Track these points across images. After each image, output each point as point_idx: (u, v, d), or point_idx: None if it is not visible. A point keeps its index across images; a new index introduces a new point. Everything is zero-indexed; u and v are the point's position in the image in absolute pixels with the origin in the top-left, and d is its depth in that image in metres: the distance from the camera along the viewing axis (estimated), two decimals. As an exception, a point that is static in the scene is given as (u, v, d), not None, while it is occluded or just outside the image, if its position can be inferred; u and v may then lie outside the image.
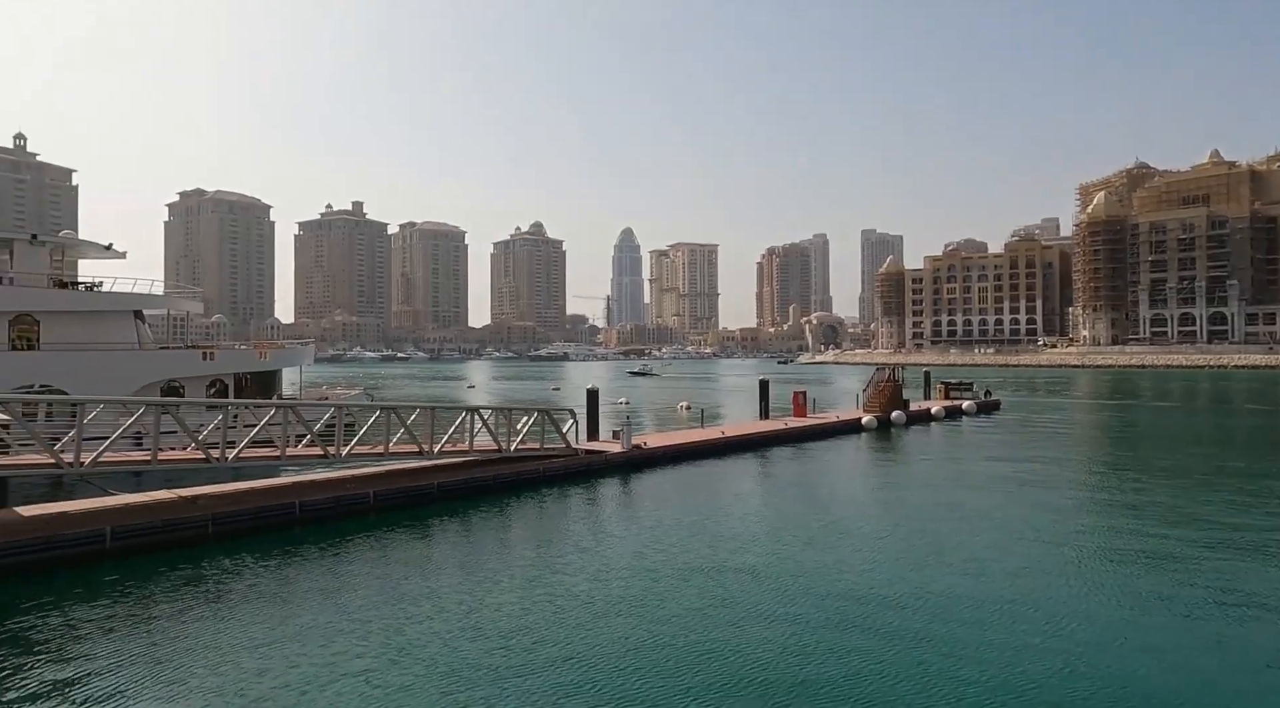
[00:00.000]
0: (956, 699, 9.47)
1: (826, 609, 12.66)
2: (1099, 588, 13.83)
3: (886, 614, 12.41)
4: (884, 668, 10.34)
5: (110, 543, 15.65)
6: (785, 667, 10.40)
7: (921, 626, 11.89)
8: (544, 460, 24.62)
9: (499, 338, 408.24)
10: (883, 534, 18.18)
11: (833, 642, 11.26)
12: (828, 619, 12.19)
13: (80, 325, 30.25)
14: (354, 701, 9.45)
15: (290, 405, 21.58)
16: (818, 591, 13.67)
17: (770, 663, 10.51)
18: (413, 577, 14.69)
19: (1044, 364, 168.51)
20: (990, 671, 10.25)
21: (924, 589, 13.67)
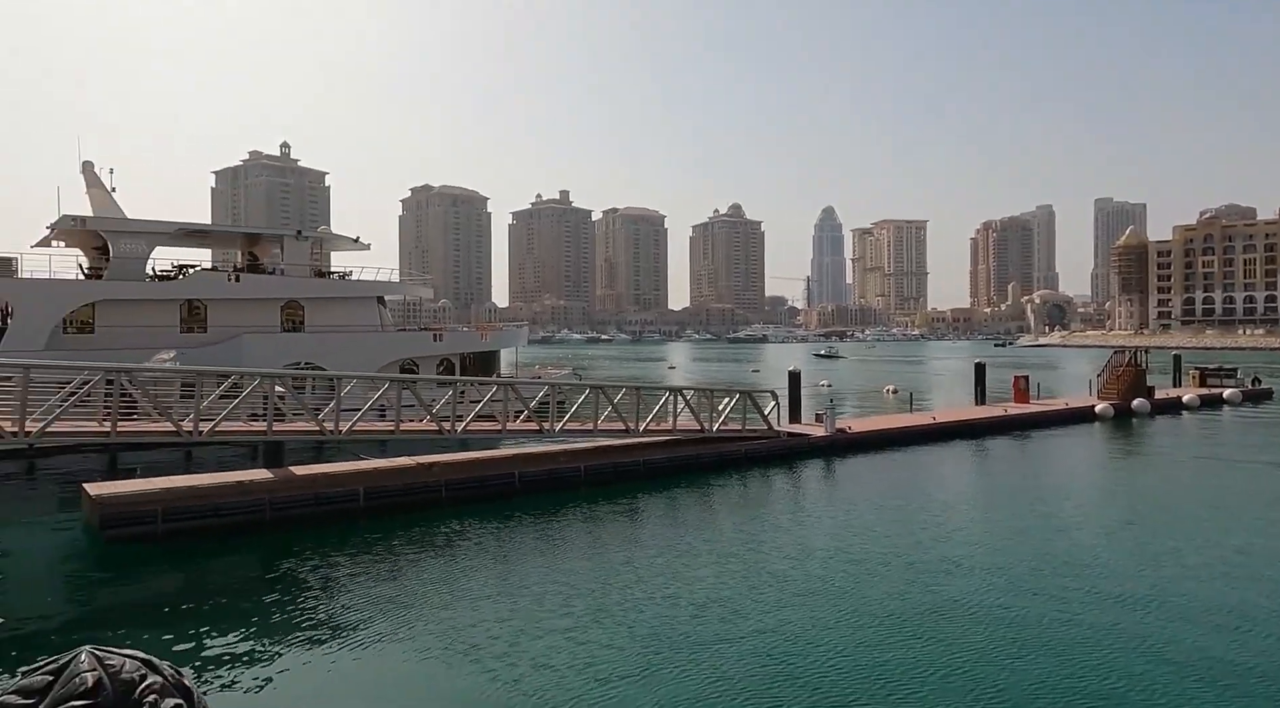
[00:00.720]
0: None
1: (1039, 605, 11.75)
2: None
3: (1111, 614, 11.29)
4: (1097, 669, 9.42)
5: (363, 502, 17.74)
6: (986, 660, 9.79)
7: (1153, 630, 10.70)
8: (746, 441, 24.71)
9: (698, 320, 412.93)
10: (1111, 530, 16.53)
11: (1046, 640, 10.44)
12: (1039, 616, 11.32)
13: (335, 310, 34.28)
14: (560, 653, 10.15)
15: (510, 383, 23.21)
16: (1030, 585, 12.72)
17: (972, 655, 9.95)
18: (618, 546, 15.38)
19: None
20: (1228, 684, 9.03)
21: (1159, 591, 12.27)
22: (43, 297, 28.37)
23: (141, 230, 31.18)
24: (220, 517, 16.27)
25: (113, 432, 17.17)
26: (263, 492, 17.23)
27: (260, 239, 37.39)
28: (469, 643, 10.57)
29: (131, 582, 13.98)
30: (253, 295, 32.35)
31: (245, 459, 21.86)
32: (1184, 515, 17.95)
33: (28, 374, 16.43)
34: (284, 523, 16.63)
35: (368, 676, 9.84)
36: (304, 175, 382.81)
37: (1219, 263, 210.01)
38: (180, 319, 30.79)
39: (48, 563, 15.50)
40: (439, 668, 9.93)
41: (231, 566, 14.96)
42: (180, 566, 14.76)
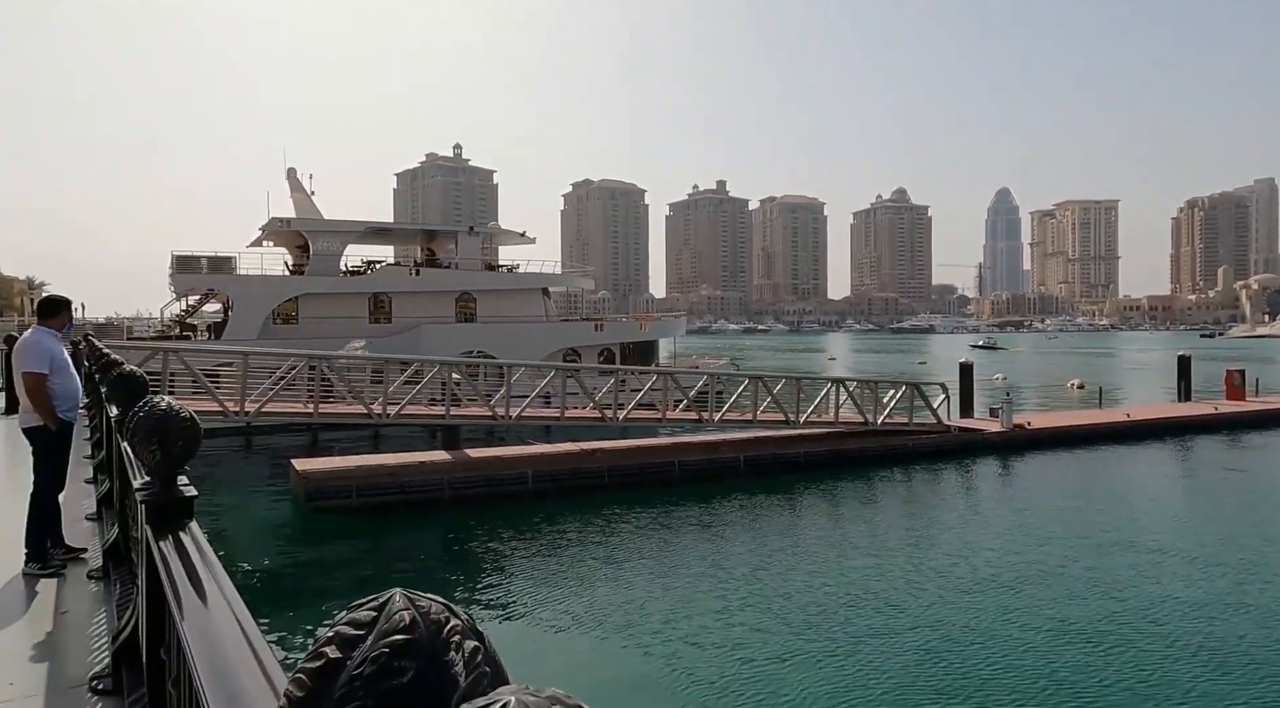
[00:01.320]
0: None
1: (1242, 623, 10.43)
2: None
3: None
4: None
5: (531, 484, 18.59)
6: (1172, 678, 8.80)
7: None
8: (913, 435, 23.69)
9: (859, 309, 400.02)
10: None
11: (1246, 662, 9.25)
12: (1241, 635, 10.04)
13: (504, 301, 36.05)
14: (712, 635, 10.32)
15: (669, 373, 23.50)
16: (1234, 599, 11.31)
17: (1154, 670, 8.98)
18: (776, 536, 15.25)
19: None
20: None
21: None
22: (256, 291, 31.74)
23: (336, 230, 34.16)
24: (405, 493, 17.59)
25: (315, 413, 18.98)
26: (442, 472, 18.44)
27: (436, 235, 39.91)
28: (626, 620, 10.89)
29: (332, 548, 15.43)
30: (431, 288, 34.61)
31: (425, 441, 23.46)
32: None
33: (246, 361, 18.46)
34: (460, 501, 17.72)
35: (529, 647, 10.33)
36: (474, 174, 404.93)
37: None
38: (369, 311, 33.47)
39: (264, 527, 17.40)
40: (596, 642, 10.30)
41: (415, 538, 16.16)
42: (372, 535, 16.11)
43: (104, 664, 3.73)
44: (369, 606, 0.68)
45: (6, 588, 5.19)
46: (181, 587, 1.56)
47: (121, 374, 4.41)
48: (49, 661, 4.03)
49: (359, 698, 0.61)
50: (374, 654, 0.63)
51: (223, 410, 17.74)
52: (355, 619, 0.66)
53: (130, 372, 4.47)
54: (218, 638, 1.36)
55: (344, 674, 0.63)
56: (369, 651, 0.63)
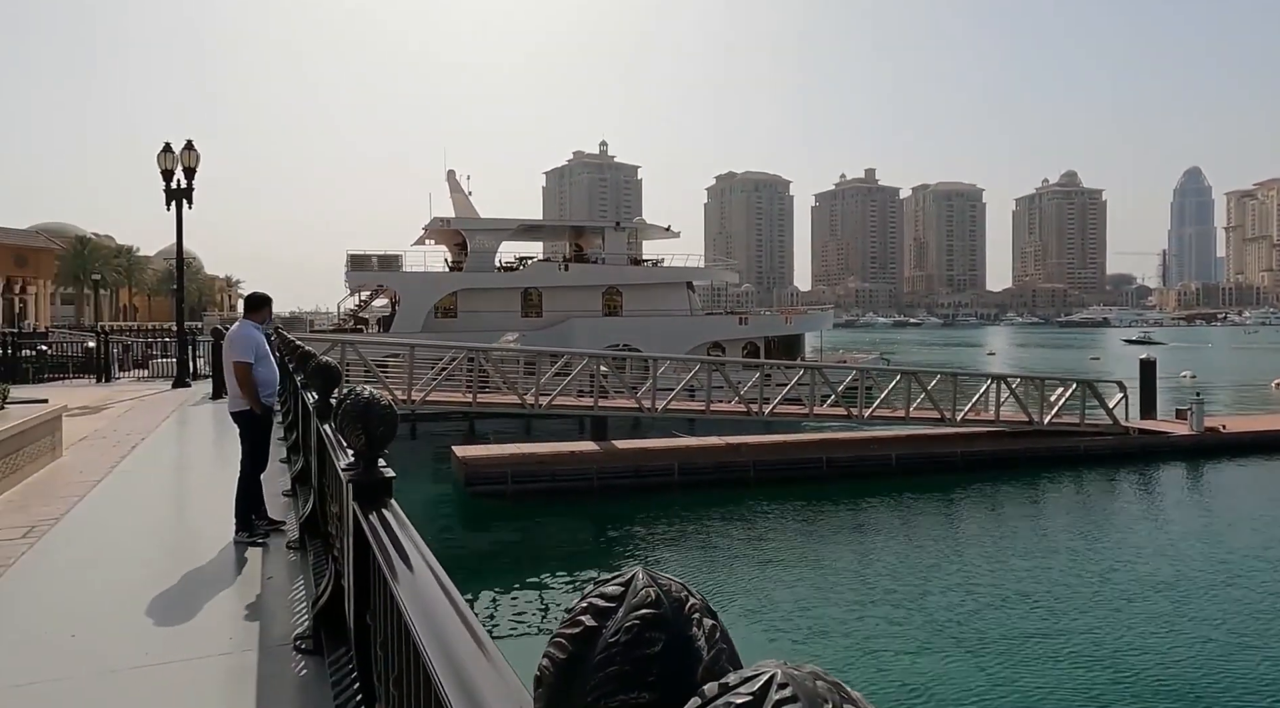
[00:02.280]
0: None
1: None
2: None
3: None
4: None
5: (677, 476, 18.77)
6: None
7: None
8: (1085, 437, 22.01)
9: (1021, 301, 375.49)
10: None
11: None
12: None
13: (649, 295, 36.53)
14: (853, 634, 10.05)
15: (816, 367, 23.02)
16: None
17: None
18: (929, 537, 14.65)
19: None
20: None
21: None
22: (420, 287, 33.83)
23: (492, 228, 35.81)
24: (555, 481, 18.23)
25: (473, 402, 20.02)
26: (590, 462, 18.97)
27: (584, 231, 40.98)
28: (766, 616, 10.86)
29: (490, 530, 16.27)
30: (579, 283, 35.61)
31: (574, 431, 24.20)
32: None
33: (413, 352, 19.75)
34: (607, 491, 18.16)
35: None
36: (619, 170, 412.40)
37: None
38: (521, 305, 34.89)
39: (430, 509, 18.54)
40: (741, 641, 10.24)
41: (565, 524, 16.75)
42: (525, 520, 16.84)
43: (305, 626, 4.13)
44: (616, 581, 0.74)
45: (220, 555, 5.83)
46: (394, 558, 1.71)
47: (319, 365, 4.85)
48: (259, 620, 4.50)
49: (616, 663, 0.67)
50: (627, 624, 0.69)
51: (392, 399, 19.05)
52: (605, 593, 0.72)
53: (326, 363, 4.90)
54: (429, 602, 1.48)
55: (601, 641, 0.68)
56: (622, 621, 0.69)
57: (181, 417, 14.15)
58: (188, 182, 18.92)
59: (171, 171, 18.76)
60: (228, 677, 3.75)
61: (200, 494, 8.37)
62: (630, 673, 0.66)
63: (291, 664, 3.81)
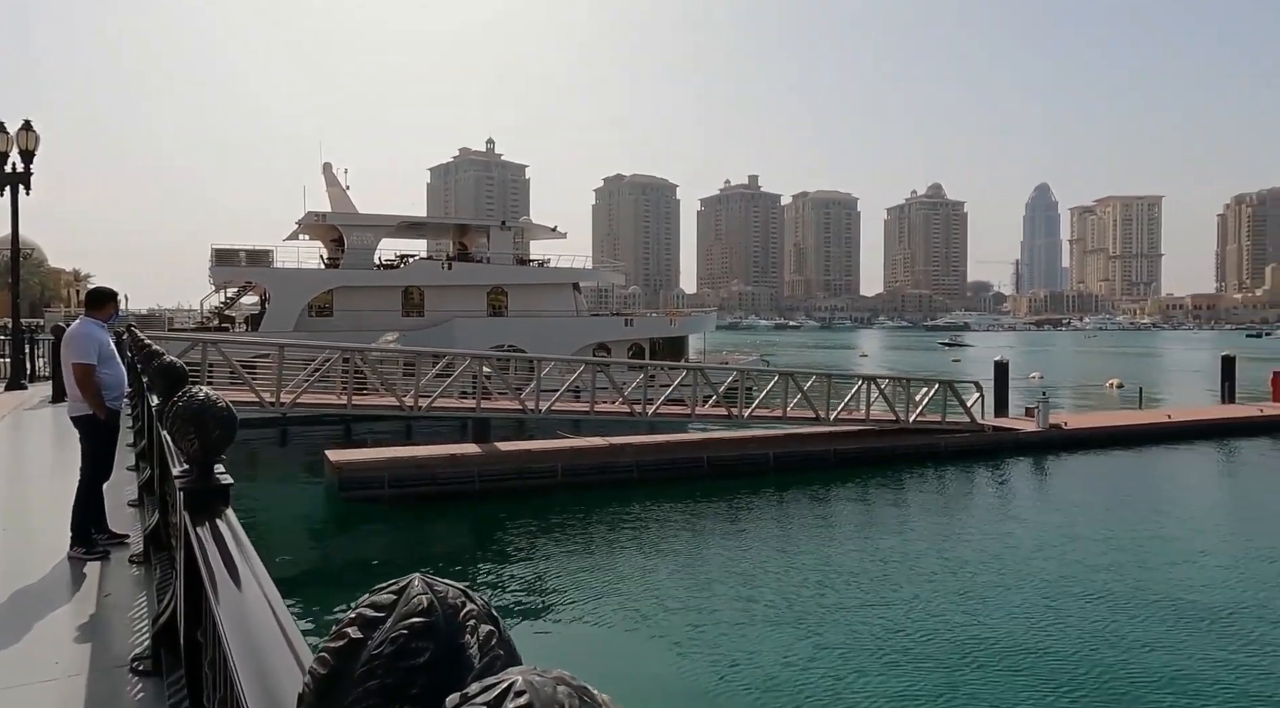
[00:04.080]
0: None
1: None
2: None
3: None
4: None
5: (561, 478, 18.71)
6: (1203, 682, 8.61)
7: None
8: (946, 434, 23.42)
9: (892, 306, 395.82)
10: None
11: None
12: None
13: (535, 296, 36.24)
14: (733, 628, 10.28)
15: (699, 368, 23.48)
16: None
17: (1186, 679, 8.78)
18: (805, 533, 15.21)
19: None
20: None
21: None
22: (293, 284, 32.27)
23: (371, 224, 34.59)
24: (436, 485, 17.80)
25: (348, 404, 19.26)
26: (473, 464, 18.63)
27: (469, 230, 40.22)
28: (649, 612, 10.95)
29: (364, 537, 15.68)
30: (463, 282, 34.92)
31: (456, 433, 23.69)
32: None
33: (282, 352, 18.80)
34: (490, 494, 17.89)
35: (553, 636, 10.41)
36: (506, 169, 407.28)
37: None
38: (402, 304, 33.87)
39: (299, 516, 17.73)
40: (618, 633, 10.36)
41: (445, 528, 16.38)
42: (403, 525, 16.36)
43: (144, 646, 3.85)
44: (389, 589, 0.71)
45: (53, 572, 5.36)
46: (217, 572, 1.61)
47: (163, 364, 4.54)
48: (92, 641, 4.16)
49: (378, 676, 0.65)
50: (393, 635, 0.66)
51: (259, 401, 18.08)
52: (376, 602, 0.70)
53: (171, 362, 4.59)
54: (250, 621, 1.40)
55: (365, 653, 0.66)
56: (389, 632, 0.67)
57: (16, 421, 12.95)
58: (25, 165, 17.33)
59: (5, 154, 17.13)
60: (53, 705, 3.45)
61: (34, 506, 7.67)
62: (393, 686, 0.64)
63: (126, 688, 3.54)
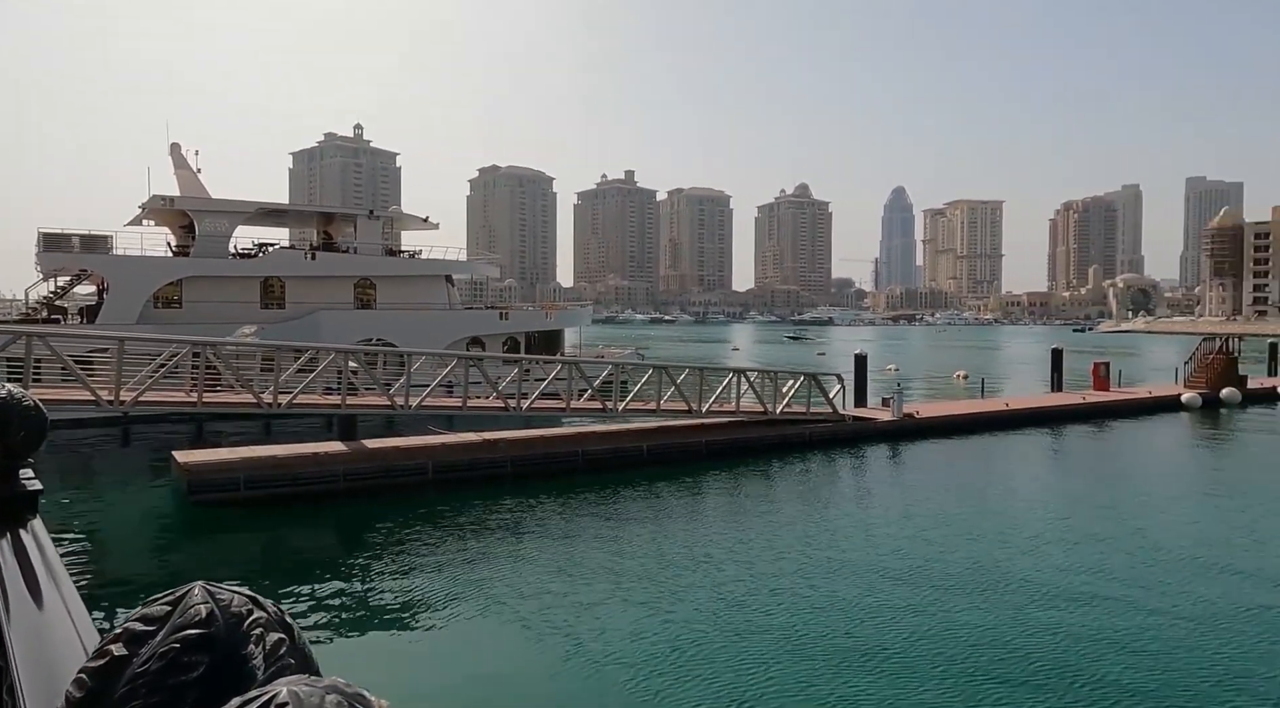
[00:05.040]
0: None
1: (1127, 607, 11.30)
2: None
3: (1188, 625, 10.81)
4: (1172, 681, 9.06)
5: (432, 475, 18.24)
6: (1046, 632, 9.49)
7: (1217, 643, 10.21)
8: (810, 424, 24.45)
9: (762, 301, 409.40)
10: (1193, 519, 15.79)
11: (1132, 647, 10.05)
12: (1127, 619, 10.88)
13: (405, 288, 35.10)
14: (611, 620, 10.40)
15: (574, 362, 23.46)
16: (1116, 583, 12.24)
17: (1033, 629, 9.65)
18: (679, 525, 15.49)
19: None
20: None
21: (1235, 602, 11.70)
22: (135, 273, 29.83)
23: (225, 210, 32.44)
24: (297, 485, 16.94)
25: (199, 402, 18.01)
26: (337, 463, 17.86)
27: (334, 219, 38.49)
28: (527, 612, 10.82)
29: (217, 542, 14.73)
30: (328, 273, 33.37)
31: (321, 431, 22.64)
32: (1269, 505, 17.04)
33: (122, 346, 17.33)
34: (357, 493, 17.22)
35: (427, 639, 10.16)
36: (376, 156, 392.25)
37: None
38: (260, 296, 31.98)
39: (142, 522, 16.42)
40: (496, 635, 10.21)
41: (308, 531, 15.62)
42: (261, 529, 15.48)
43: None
44: (164, 600, 0.66)
45: None
46: (13, 591, 1.45)
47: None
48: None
49: (140, 697, 0.59)
50: (163, 650, 0.60)
51: (95, 399, 16.61)
52: (148, 615, 0.64)
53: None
54: (49, 648, 1.27)
55: (128, 672, 0.60)
56: (158, 646, 0.61)
57: None
58: None
59: None
60: None
61: None
62: (159, 705, 0.59)
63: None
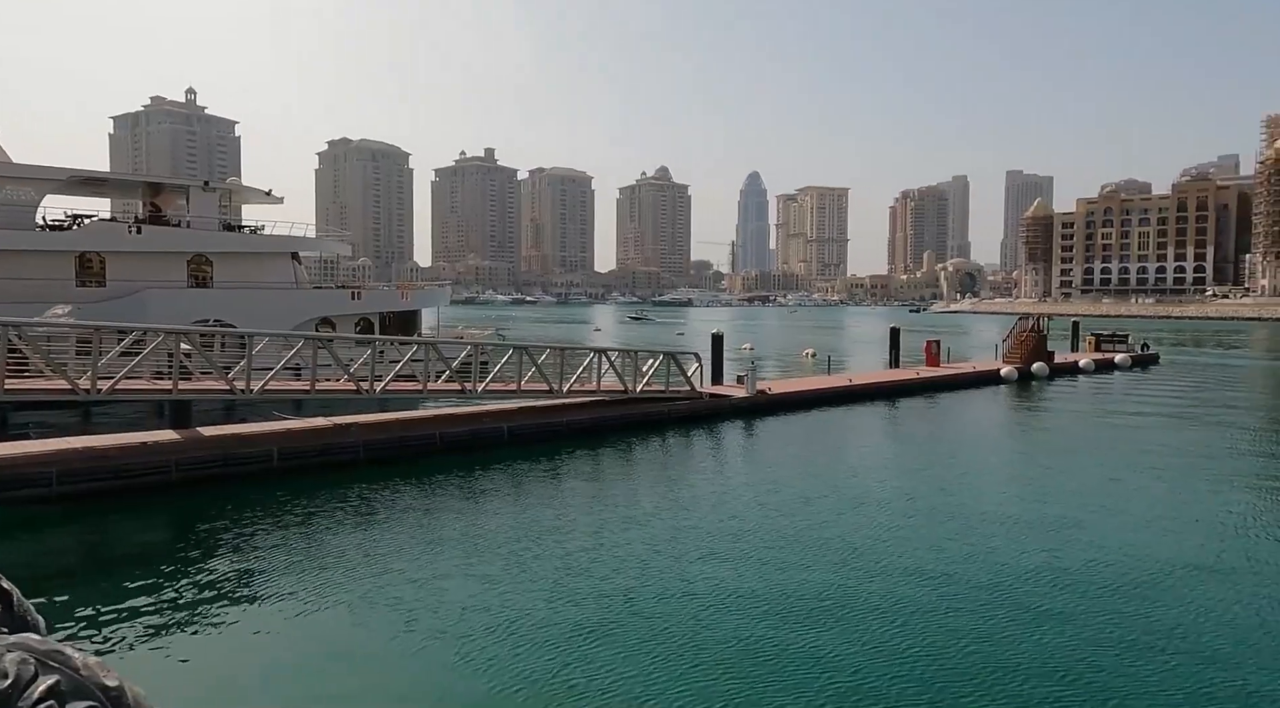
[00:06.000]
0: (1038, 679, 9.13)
1: (960, 574, 12.37)
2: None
3: (1012, 577, 12.01)
4: (997, 637, 10.08)
5: (277, 462, 17.29)
6: (893, 589, 10.31)
7: (1044, 589, 11.45)
8: (669, 402, 25.01)
9: (624, 282, 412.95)
10: (1014, 478, 17.50)
11: (956, 601, 11.04)
12: (952, 573, 11.92)
13: (246, 265, 32.86)
14: (478, 613, 10.19)
15: (431, 343, 22.85)
16: (945, 543, 13.36)
17: (884, 584, 10.45)
18: (541, 506, 15.48)
19: (1213, 316, 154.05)
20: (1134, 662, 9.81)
21: (1058, 529, 13.12)
22: (-82, 246, 26.31)
23: (29, 177, 29.13)
24: (121, 479, 15.60)
25: (1, 388, 16.18)
26: (169, 453, 16.58)
27: (163, 189, 35.39)
28: (385, 603, 10.49)
29: (24, 548, 13.31)
30: (155, 248, 30.71)
31: (150, 420, 20.93)
32: (1070, 464, 19.14)
33: (-98, 328, 15.28)
34: (192, 484, 16.07)
35: (281, 639, 9.69)
36: (211, 124, 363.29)
37: (1116, 235, 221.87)
38: (76, 272, 29.04)
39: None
40: (354, 629, 9.86)
41: (135, 529, 14.42)
42: (79, 530, 14.16)
43: None
44: None
45: None
46: None
47: None
48: None
49: None
50: None
51: None
52: None
53: None
54: None
55: None
56: None
57: None
58: None
59: None
60: None
61: None
62: None
63: None
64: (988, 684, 8.37)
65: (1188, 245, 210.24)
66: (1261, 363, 58.27)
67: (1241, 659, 8.98)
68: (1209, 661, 8.96)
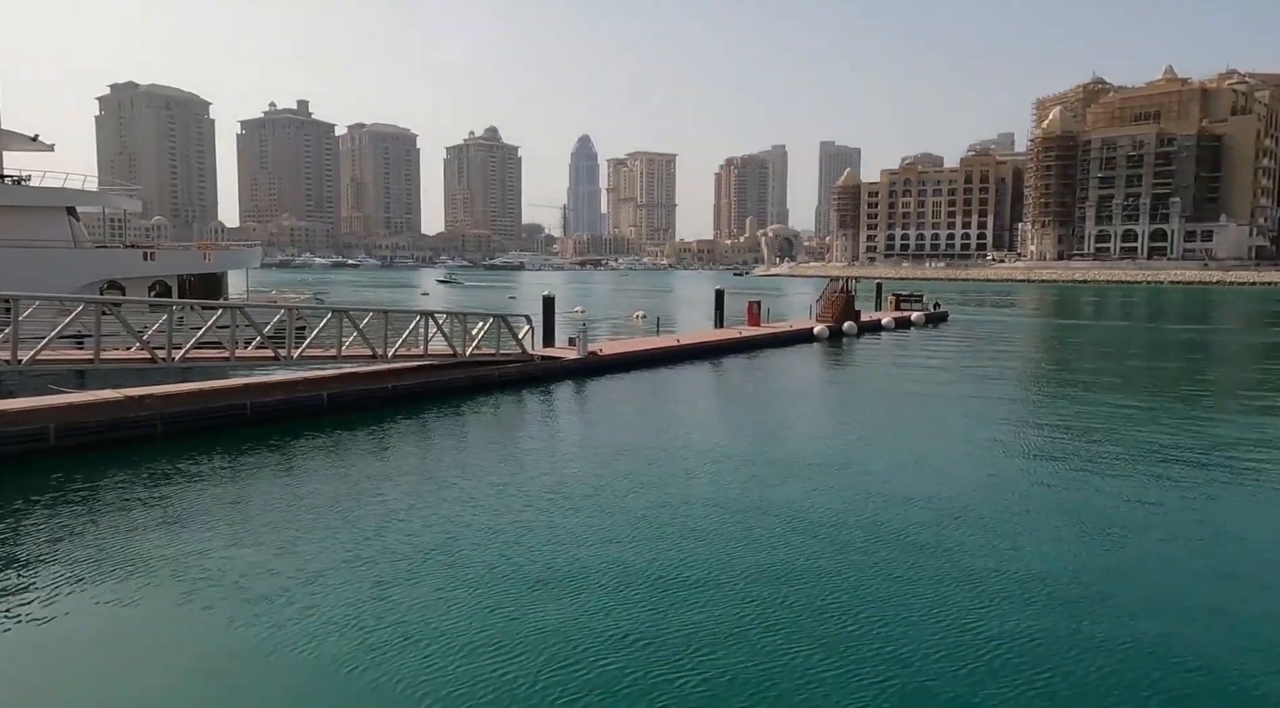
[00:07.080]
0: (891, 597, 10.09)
1: (783, 513, 13.20)
2: (1049, 500, 14.64)
3: (835, 512, 13.01)
4: (832, 577, 10.93)
5: (54, 441, 15.48)
6: (732, 571, 10.91)
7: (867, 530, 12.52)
8: (500, 365, 24.72)
9: (453, 245, 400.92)
10: (829, 432, 18.87)
11: (788, 548, 11.81)
12: (784, 524, 12.72)
13: (10, 221, 28.87)
14: (299, 590, 9.67)
15: (238, 306, 21.19)
16: (777, 493, 14.21)
17: (716, 564, 11.02)
18: (365, 473, 14.89)
19: (991, 279, 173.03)
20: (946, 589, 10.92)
21: (871, 489, 14.34)
22: None
23: None
24: None
25: None
26: (-85, 435, 14.39)
27: (-106, 131, 30.26)
28: (192, 587, 9.73)
29: None
30: (-113, 200, 26.27)
31: (-111, 399, 18.04)
32: (875, 412, 20.92)
33: None
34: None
35: (64, 646, 8.78)
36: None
37: (914, 204, 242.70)
38: None
39: None
40: (158, 618, 9.09)
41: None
42: None
43: None
44: None
45: None
46: None
47: None
48: None
49: None
50: None
51: None
52: None
53: None
54: None
55: None
56: None
57: None
58: None
59: None
60: None
61: None
62: None
63: None
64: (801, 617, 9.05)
65: (973, 215, 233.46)
66: (1028, 320, 66.01)
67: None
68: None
